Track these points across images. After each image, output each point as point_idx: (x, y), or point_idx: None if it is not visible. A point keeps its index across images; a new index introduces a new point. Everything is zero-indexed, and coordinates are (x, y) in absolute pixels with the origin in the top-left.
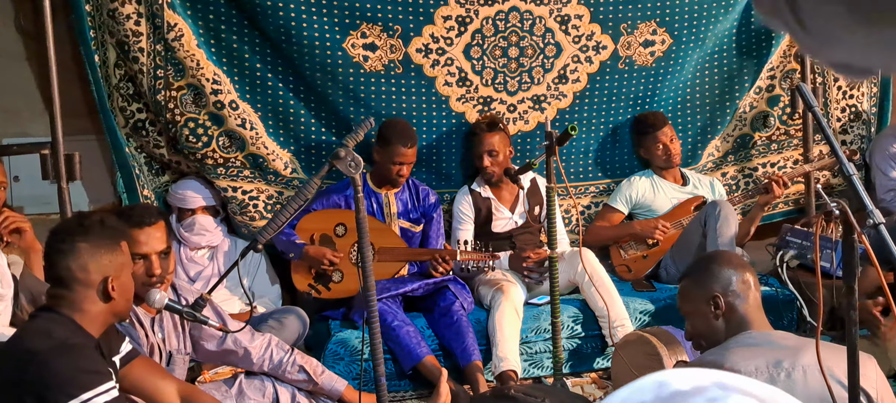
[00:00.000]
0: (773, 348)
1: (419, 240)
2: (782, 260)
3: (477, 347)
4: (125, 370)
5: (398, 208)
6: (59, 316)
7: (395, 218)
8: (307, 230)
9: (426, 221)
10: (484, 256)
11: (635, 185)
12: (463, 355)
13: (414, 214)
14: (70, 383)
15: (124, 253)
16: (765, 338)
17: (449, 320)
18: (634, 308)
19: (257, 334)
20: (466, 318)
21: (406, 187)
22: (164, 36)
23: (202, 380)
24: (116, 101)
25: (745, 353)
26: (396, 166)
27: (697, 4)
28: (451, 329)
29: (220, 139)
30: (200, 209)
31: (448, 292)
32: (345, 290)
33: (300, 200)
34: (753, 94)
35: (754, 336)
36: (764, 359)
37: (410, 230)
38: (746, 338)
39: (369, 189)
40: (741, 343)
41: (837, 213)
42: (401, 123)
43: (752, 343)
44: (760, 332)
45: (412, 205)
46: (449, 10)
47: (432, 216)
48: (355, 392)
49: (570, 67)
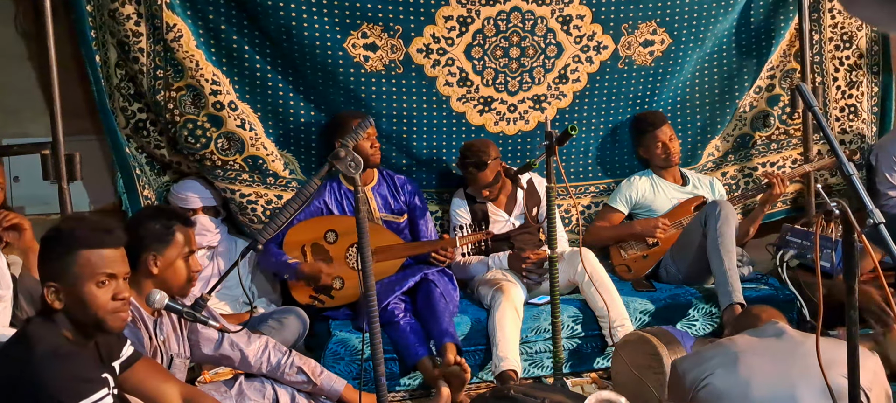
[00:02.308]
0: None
1: (408, 231)
2: (782, 260)
3: (452, 328)
4: (127, 373)
5: (377, 202)
6: (53, 322)
7: (376, 213)
8: (296, 243)
9: (410, 209)
10: (480, 235)
11: (635, 185)
12: (440, 336)
13: (395, 205)
14: (63, 392)
15: (77, 262)
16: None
17: (429, 303)
18: (634, 308)
19: (254, 336)
20: (445, 302)
21: (382, 180)
22: (164, 36)
23: (202, 381)
24: (117, 101)
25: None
26: (367, 143)
27: (697, 4)
28: (429, 311)
29: (218, 141)
30: (200, 209)
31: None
32: (348, 296)
33: (299, 201)
34: (753, 94)
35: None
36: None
37: (394, 222)
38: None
39: (344, 189)
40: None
41: (837, 213)
42: (347, 111)
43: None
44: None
45: (392, 196)
46: (450, 10)
47: (415, 203)
48: (355, 392)
49: (570, 67)
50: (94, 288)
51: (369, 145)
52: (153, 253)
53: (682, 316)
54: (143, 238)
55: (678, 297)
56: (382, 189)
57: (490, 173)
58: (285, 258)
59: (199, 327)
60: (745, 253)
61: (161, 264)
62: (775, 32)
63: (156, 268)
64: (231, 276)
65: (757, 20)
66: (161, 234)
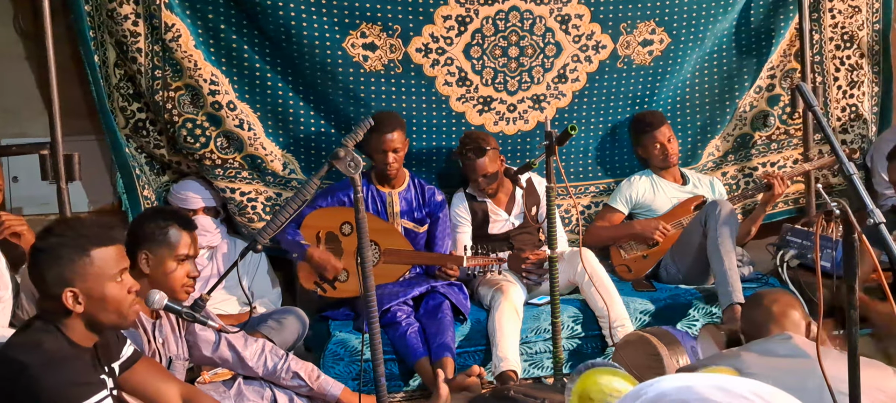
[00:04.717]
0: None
1: (424, 241)
2: (782, 260)
3: (454, 345)
4: (127, 374)
5: (402, 207)
6: (49, 326)
7: (398, 218)
8: (313, 227)
9: (432, 221)
10: (490, 260)
11: (635, 185)
12: (439, 349)
13: (418, 214)
14: (61, 398)
15: (94, 262)
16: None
17: (434, 315)
18: (634, 308)
19: (251, 339)
20: (451, 317)
21: (412, 186)
22: (162, 36)
23: (202, 381)
24: (116, 101)
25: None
26: (383, 154)
27: (696, 4)
28: (434, 323)
29: (217, 140)
30: (201, 209)
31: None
32: (350, 290)
33: (299, 201)
34: (753, 94)
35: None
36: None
37: (414, 231)
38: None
39: (372, 188)
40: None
41: (838, 213)
42: (385, 113)
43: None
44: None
45: (417, 205)
46: (449, 10)
47: (438, 215)
48: (354, 395)
49: (569, 67)
50: (113, 285)
51: (384, 157)
52: (145, 252)
53: (682, 316)
54: (139, 236)
55: (678, 297)
56: (409, 194)
57: (488, 161)
58: (300, 237)
59: (197, 328)
60: (745, 253)
61: (152, 263)
62: (775, 32)
63: (147, 267)
64: (231, 276)
65: (757, 20)
66: (155, 234)
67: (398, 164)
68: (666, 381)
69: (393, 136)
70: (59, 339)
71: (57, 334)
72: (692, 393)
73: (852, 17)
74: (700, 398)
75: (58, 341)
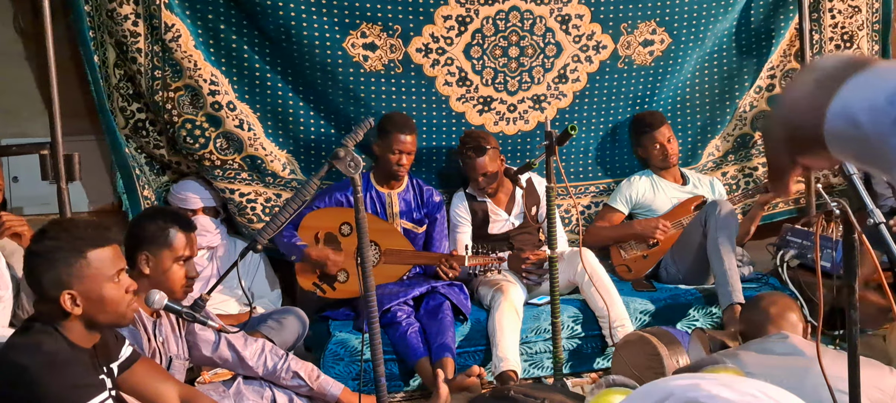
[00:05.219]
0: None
1: (422, 241)
2: (783, 260)
3: (454, 345)
4: (126, 374)
5: (401, 207)
6: (47, 328)
7: (397, 218)
8: (311, 228)
9: (430, 222)
10: (491, 260)
11: (635, 185)
12: (439, 349)
13: (417, 215)
14: (62, 400)
15: (90, 264)
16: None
17: (435, 315)
18: (634, 308)
19: (251, 339)
20: (451, 317)
21: (410, 187)
22: (162, 36)
23: (201, 381)
24: (116, 102)
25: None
26: (396, 155)
27: (696, 4)
28: (434, 323)
29: (217, 140)
30: (200, 210)
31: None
32: (350, 290)
33: (299, 201)
34: (754, 94)
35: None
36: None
37: (412, 231)
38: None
39: (372, 188)
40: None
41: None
42: (399, 114)
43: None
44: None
45: (416, 205)
46: (449, 10)
47: (436, 216)
48: (354, 395)
49: (570, 67)
50: (110, 286)
51: (398, 158)
52: (146, 253)
53: (682, 316)
54: (139, 237)
55: (678, 297)
56: (408, 195)
57: (489, 160)
58: (296, 239)
59: (196, 328)
60: (745, 253)
61: (152, 265)
62: (775, 32)
63: (147, 269)
64: (231, 276)
65: (757, 20)
66: (155, 235)
67: (407, 167)
68: (673, 381)
69: (408, 139)
70: (59, 341)
71: (56, 335)
72: (700, 392)
73: (852, 17)
74: (709, 395)
75: (57, 342)
